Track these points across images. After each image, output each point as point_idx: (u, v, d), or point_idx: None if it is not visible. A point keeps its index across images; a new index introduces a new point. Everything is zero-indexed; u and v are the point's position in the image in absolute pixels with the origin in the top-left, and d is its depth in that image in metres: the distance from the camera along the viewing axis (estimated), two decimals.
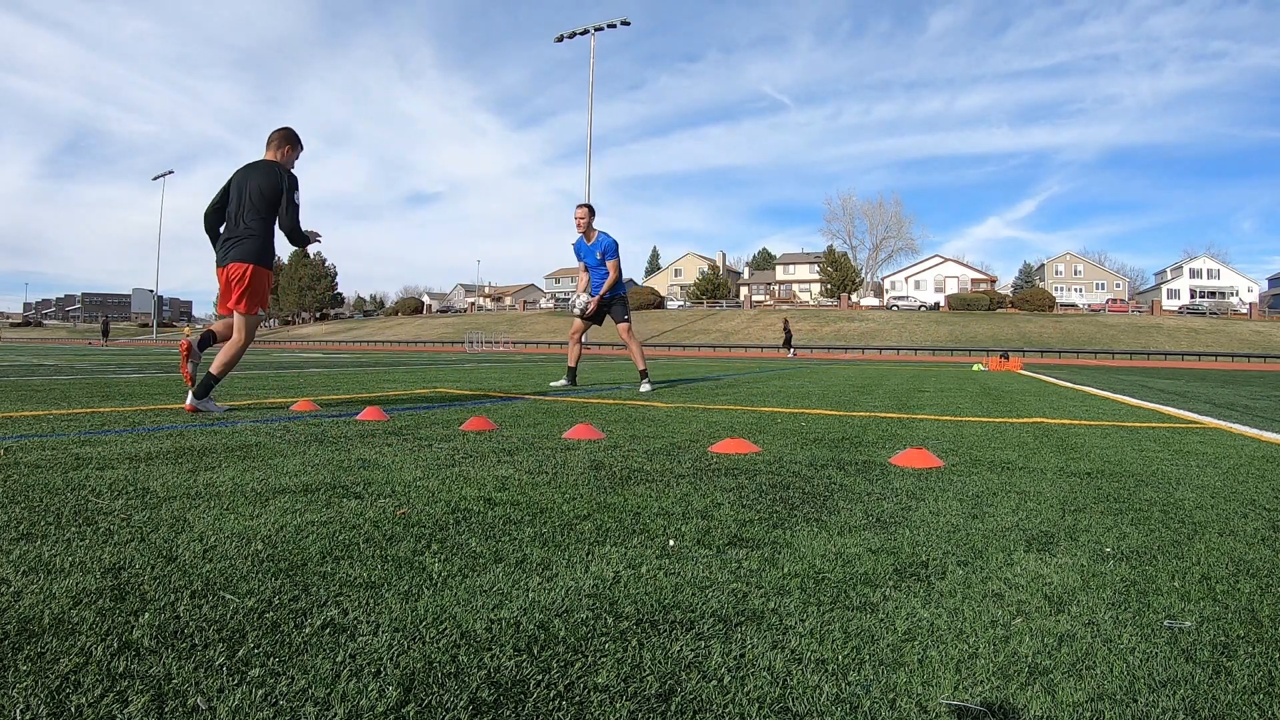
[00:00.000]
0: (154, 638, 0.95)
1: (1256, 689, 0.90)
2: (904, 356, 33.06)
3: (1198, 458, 2.81)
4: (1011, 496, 2.01)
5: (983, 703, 0.85)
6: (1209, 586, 1.28)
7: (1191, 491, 2.13)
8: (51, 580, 1.16)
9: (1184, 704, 0.86)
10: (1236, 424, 4.18)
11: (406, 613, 1.06)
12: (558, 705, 0.82)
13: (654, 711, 0.82)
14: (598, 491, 1.96)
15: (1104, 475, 2.39)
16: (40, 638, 0.95)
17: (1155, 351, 41.05)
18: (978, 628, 1.07)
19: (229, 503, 1.73)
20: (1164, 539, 1.59)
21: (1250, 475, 2.43)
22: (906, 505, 1.87)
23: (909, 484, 2.17)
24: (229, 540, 1.41)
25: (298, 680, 0.85)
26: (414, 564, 1.29)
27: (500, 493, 1.91)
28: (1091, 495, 2.05)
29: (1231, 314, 60.01)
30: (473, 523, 1.60)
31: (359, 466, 2.26)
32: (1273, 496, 2.08)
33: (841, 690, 0.87)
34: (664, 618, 1.08)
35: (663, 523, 1.63)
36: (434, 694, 0.83)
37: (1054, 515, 1.80)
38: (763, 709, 0.83)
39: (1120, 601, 1.19)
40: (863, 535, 1.57)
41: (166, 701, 0.80)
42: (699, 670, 0.91)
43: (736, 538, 1.52)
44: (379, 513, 1.66)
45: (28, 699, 0.79)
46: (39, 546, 1.34)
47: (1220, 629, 1.09)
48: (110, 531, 1.45)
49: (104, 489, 1.84)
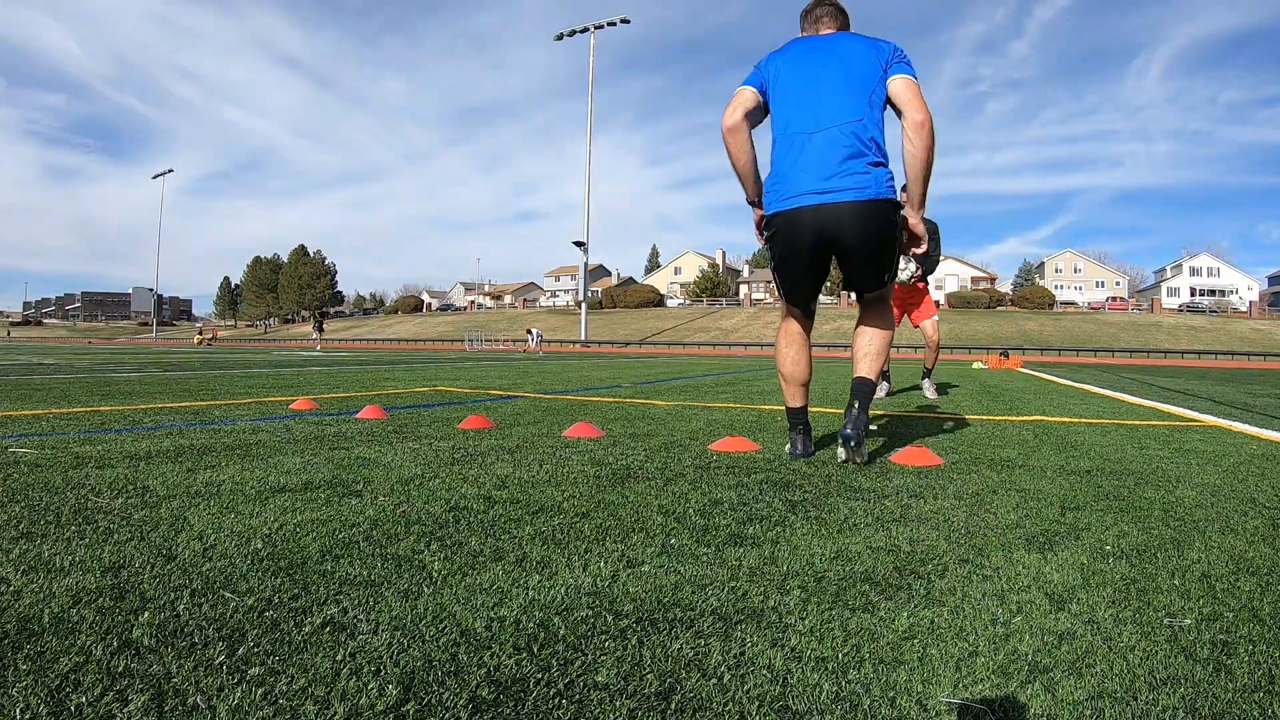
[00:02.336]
0: (154, 636, 0.95)
1: (1257, 687, 0.90)
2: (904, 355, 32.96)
3: (1198, 456, 2.81)
4: (1011, 494, 2.01)
5: (983, 701, 0.85)
6: (1209, 585, 1.28)
7: (1192, 489, 2.13)
8: (51, 579, 1.16)
9: (1184, 702, 0.86)
10: (1237, 422, 4.18)
11: (406, 611, 1.06)
12: (557, 704, 0.82)
13: (654, 710, 0.82)
14: (597, 489, 1.96)
15: (1104, 473, 2.39)
16: (40, 637, 0.95)
17: (1155, 349, 41.04)
18: (978, 626, 1.07)
19: (229, 501, 1.73)
20: (1164, 537, 1.59)
21: (1250, 473, 2.43)
22: (906, 503, 1.87)
23: (909, 482, 2.17)
24: (229, 539, 1.41)
25: (298, 679, 0.85)
26: (414, 562, 1.29)
27: (500, 491, 1.91)
28: (1091, 493, 2.05)
29: (1231, 312, 59.98)
30: (472, 521, 1.60)
31: (359, 465, 2.26)
32: (1273, 495, 2.08)
33: (841, 688, 0.87)
34: (664, 616, 1.08)
35: (662, 521, 1.63)
36: (434, 692, 0.83)
37: (1054, 513, 1.80)
38: (762, 707, 0.83)
39: (1120, 599, 1.19)
40: (863, 533, 1.57)
41: (166, 700, 0.80)
42: (699, 668, 0.91)
43: (736, 536, 1.52)
44: (379, 511, 1.66)
45: (28, 698, 0.79)
46: (39, 545, 1.34)
47: (1220, 627, 1.09)
48: (110, 530, 1.45)
49: (104, 488, 1.84)
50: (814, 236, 2.46)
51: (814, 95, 2.45)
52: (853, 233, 2.43)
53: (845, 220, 2.41)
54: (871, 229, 2.44)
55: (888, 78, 2.41)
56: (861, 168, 2.39)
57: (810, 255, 2.53)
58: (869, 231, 2.44)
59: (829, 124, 2.42)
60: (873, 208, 2.41)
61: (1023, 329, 50.44)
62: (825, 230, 2.43)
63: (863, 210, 2.40)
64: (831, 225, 2.42)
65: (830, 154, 2.40)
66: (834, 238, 2.45)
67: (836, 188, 2.39)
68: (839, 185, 2.39)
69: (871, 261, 2.53)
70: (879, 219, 2.43)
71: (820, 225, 2.43)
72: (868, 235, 2.45)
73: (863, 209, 2.40)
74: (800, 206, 2.44)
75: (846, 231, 2.43)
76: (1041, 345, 43.19)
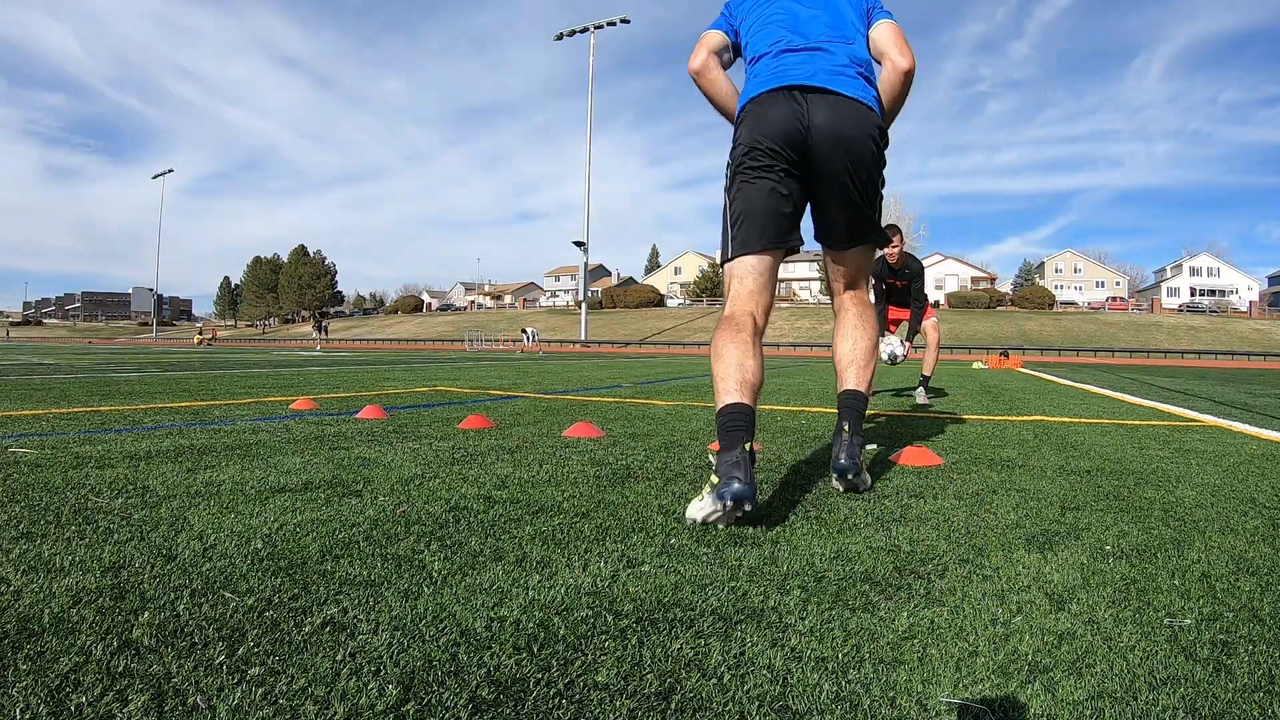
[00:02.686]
0: (154, 636, 0.95)
1: (1257, 687, 0.90)
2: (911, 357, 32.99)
3: (1198, 456, 2.81)
4: (1012, 494, 2.01)
5: (983, 701, 0.85)
6: (1209, 584, 1.28)
7: (1192, 489, 2.13)
8: (51, 579, 1.16)
9: (1184, 702, 0.86)
10: (1236, 422, 4.18)
11: (406, 611, 1.06)
12: (557, 704, 0.82)
13: (654, 710, 0.82)
14: (597, 489, 1.96)
15: (1104, 473, 2.39)
16: (40, 637, 0.95)
17: (1155, 349, 41.05)
18: (978, 626, 1.07)
19: (229, 501, 1.73)
20: (1164, 537, 1.59)
21: (1250, 473, 2.43)
22: (906, 503, 1.87)
23: (909, 482, 2.17)
24: (229, 539, 1.41)
25: (298, 679, 0.85)
26: (414, 562, 1.29)
27: (500, 491, 1.91)
28: (1091, 493, 2.05)
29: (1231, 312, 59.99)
30: (472, 521, 1.60)
31: (359, 465, 2.26)
32: (1273, 495, 2.08)
33: (841, 688, 0.87)
34: (664, 616, 1.08)
35: (662, 521, 1.63)
36: (434, 692, 0.83)
37: (1054, 513, 1.80)
38: (762, 707, 0.83)
39: (1120, 599, 1.19)
40: (863, 533, 1.57)
41: (166, 700, 0.80)
42: (699, 668, 0.91)
43: (736, 536, 1.52)
44: (379, 511, 1.66)
45: (28, 698, 0.79)
46: (39, 545, 1.34)
47: (1220, 627, 1.09)
48: (110, 530, 1.45)
49: (104, 488, 1.84)
50: (800, 132, 1.87)
51: (797, 20, 2.03)
52: (855, 139, 1.90)
53: (845, 119, 1.88)
54: (872, 147, 1.94)
55: (871, 23, 2.07)
56: (860, 81, 1.98)
57: (788, 164, 1.89)
58: (868, 147, 1.92)
59: (819, 41, 1.99)
60: (873, 120, 1.94)
61: (1023, 329, 50.47)
62: (817, 127, 1.87)
63: (864, 115, 1.92)
64: (826, 122, 1.87)
65: (824, 62, 1.95)
66: (829, 140, 1.87)
67: (833, 84, 1.91)
68: (836, 84, 1.92)
69: (868, 192, 2.00)
70: (877, 140, 1.96)
71: (810, 118, 1.87)
72: (866, 151, 1.92)
73: (864, 113, 1.92)
74: (786, 85, 1.91)
75: (847, 134, 1.88)
76: (1041, 345, 43.22)
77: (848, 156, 1.91)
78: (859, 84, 1.97)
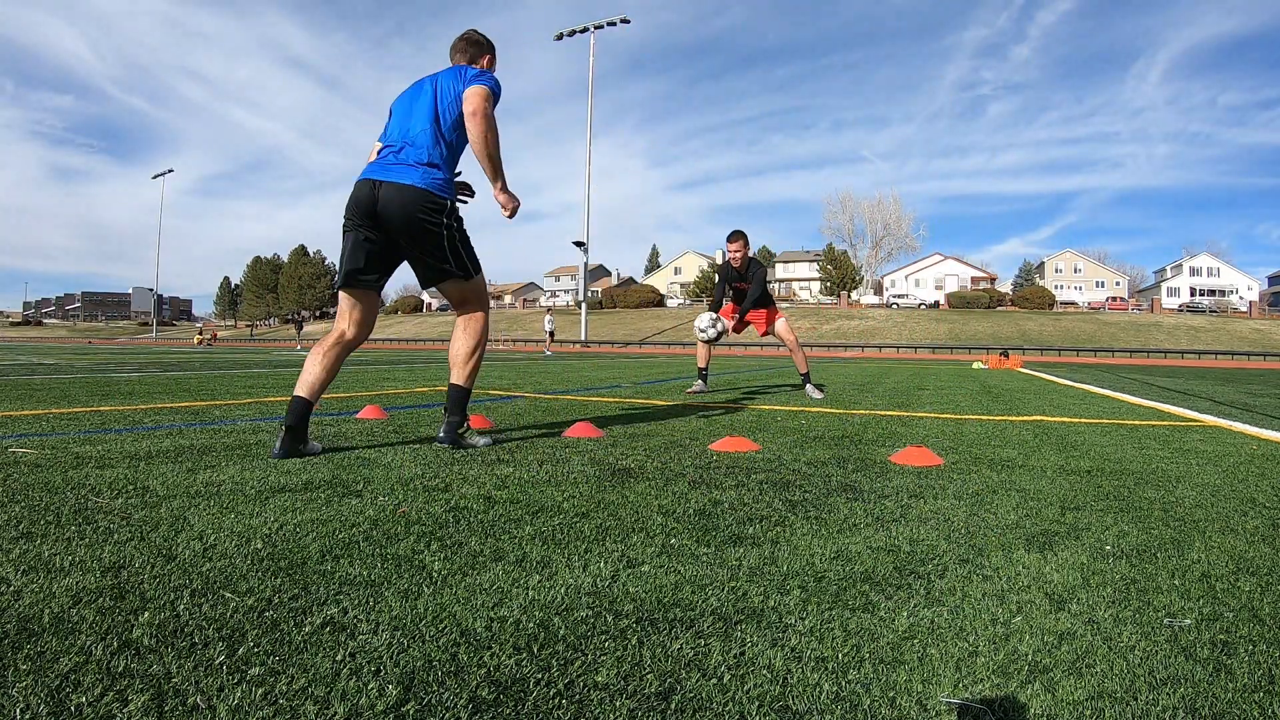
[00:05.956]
0: (154, 637, 0.95)
1: (1256, 687, 0.90)
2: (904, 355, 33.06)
3: (1198, 456, 2.81)
4: (1012, 494, 2.01)
5: (983, 701, 0.85)
6: (1209, 585, 1.28)
7: (1191, 490, 2.13)
8: (51, 579, 1.16)
9: (1184, 702, 0.86)
10: (1237, 422, 4.18)
11: (406, 611, 1.06)
12: (557, 704, 0.82)
13: (654, 710, 0.82)
14: (597, 489, 1.96)
15: (1104, 473, 2.39)
16: (40, 637, 0.95)
17: (1155, 349, 41.04)
18: (978, 626, 1.07)
19: (229, 501, 1.73)
20: (1164, 537, 1.59)
21: (1250, 473, 2.43)
22: (906, 504, 1.87)
23: (909, 482, 2.17)
24: (229, 539, 1.41)
25: (298, 679, 0.85)
26: (414, 562, 1.29)
27: (500, 491, 1.91)
28: (1091, 493, 2.05)
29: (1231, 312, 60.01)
30: (472, 521, 1.60)
31: (359, 465, 2.26)
32: (1273, 495, 2.08)
33: (841, 688, 0.87)
34: (664, 616, 1.08)
35: (662, 521, 1.63)
36: (434, 692, 0.83)
37: (1054, 513, 1.80)
38: (762, 707, 0.83)
39: (1120, 600, 1.19)
40: (863, 533, 1.57)
41: (166, 700, 0.80)
42: (699, 668, 0.91)
43: (736, 536, 1.52)
44: (379, 511, 1.66)
45: (28, 698, 0.79)
46: (39, 545, 1.34)
47: (1220, 627, 1.09)
48: (110, 530, 1.45)
49: (104, 488, 1.84)
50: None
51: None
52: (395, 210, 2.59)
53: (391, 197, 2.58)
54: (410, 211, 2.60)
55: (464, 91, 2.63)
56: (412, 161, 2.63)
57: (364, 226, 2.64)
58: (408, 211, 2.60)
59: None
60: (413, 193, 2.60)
61: (1023, 329, 50.46)
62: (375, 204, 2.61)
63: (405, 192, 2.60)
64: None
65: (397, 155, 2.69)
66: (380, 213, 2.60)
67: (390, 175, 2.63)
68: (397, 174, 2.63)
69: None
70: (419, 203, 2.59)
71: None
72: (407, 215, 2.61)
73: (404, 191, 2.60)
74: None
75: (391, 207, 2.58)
76: (1041, 345, 43.20)
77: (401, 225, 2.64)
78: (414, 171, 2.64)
